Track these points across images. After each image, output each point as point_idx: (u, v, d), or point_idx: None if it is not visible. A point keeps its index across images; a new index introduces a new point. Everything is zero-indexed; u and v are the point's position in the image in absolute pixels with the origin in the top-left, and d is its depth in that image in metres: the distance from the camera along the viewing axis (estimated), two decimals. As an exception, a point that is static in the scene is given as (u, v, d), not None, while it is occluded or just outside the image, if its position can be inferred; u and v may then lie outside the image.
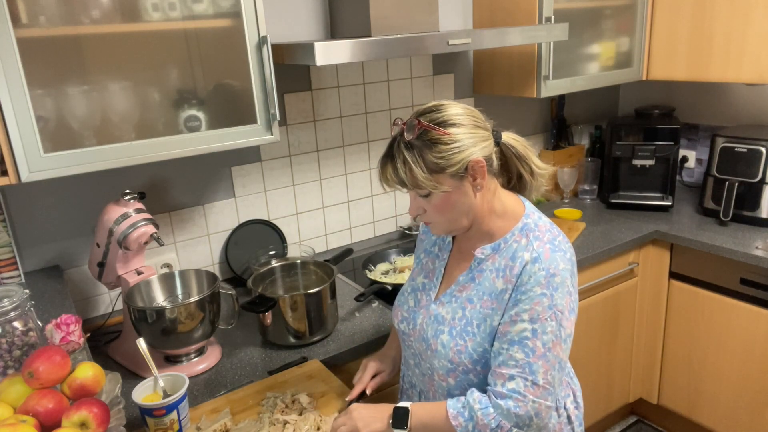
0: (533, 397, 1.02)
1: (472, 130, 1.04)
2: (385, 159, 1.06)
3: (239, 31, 1.47)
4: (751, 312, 2.04)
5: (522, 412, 1.02)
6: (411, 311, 1.23)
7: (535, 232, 1.09)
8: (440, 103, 1.07)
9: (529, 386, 1.02)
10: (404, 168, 1.03)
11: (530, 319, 1.03)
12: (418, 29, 1.85)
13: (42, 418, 1.02)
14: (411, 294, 1.26)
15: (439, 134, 1.02)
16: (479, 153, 1.04)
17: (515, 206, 1.13)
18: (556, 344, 1.03)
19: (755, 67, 2.09)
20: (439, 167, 1.02)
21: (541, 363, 1.02)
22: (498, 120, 1.16)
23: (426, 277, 1.25)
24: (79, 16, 1.27)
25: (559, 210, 2.48)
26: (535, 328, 1.03)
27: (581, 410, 1.26)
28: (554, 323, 1.02)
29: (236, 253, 1.96)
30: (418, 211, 1.11)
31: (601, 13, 2.24)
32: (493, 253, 1.11)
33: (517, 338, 1.04)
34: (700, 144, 2.68)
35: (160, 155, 1.43)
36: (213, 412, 1.28)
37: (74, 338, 1.18)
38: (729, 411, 2.20)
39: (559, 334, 1.03)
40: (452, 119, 1.04)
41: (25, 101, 1.24)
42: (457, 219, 1.09)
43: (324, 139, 2.09)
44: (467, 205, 1.07)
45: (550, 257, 1.05)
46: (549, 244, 1.07)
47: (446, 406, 1.08)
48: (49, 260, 1.69)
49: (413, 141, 1.03)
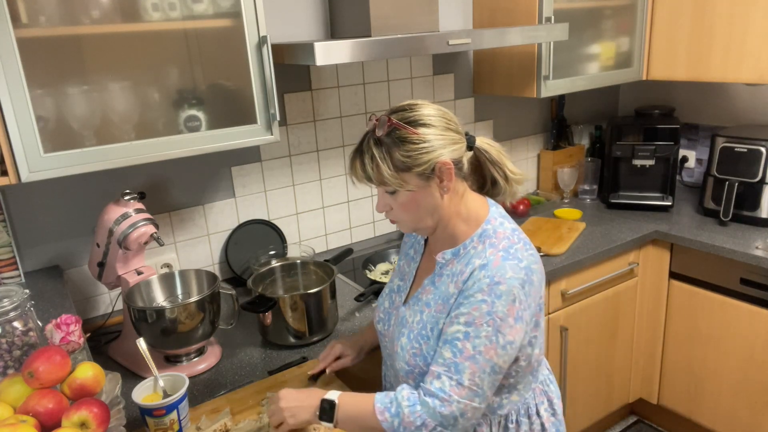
0: (458, 397, 1.02)
1: (443, 132, 1.05)
2: (355, 153, 1.07)
3: (239, 31, 1.47)
4: (751, 312, 2.04)
5: (447, 411, 1.02)
6: (386, 312, 1.26)
7: (491, 238, 1.09)
8: (415, 102, 1.08)
9: (454, 386, 1.02)
10: (371, 164, 1.04)
11: (465, 322, 1.03)
12: (418, 29, 1.85)
13: (42, 418, 1.02)
14: (388, 296, 1.29)
15: (409, 133, 1.02)
16: (448, 155, 1.04)
17: (479, 211, 1.13)
18: (490, 349, 1.02)
19: (755, 67, 2.09)
20: (406, 166, 1.03)
21: (468, 364, 1.02)
22: (498, 120, 1.16)
23: (401, 279, 1.27)
24: (79, 16, 1.27)
25: (559, 210, 2.48)
26: (468, 331, 1.03)
27: (559, 416, 1.26)
28: (490, 329, 1.02)
29: (236, 253, 1.96)
30: (385, 207, 1.12)
31: (601, 13, 2.24)
32: (453, 259, 1.12)
33: (450, 338, 1.05)
34: (700, 144, 2.68)
35: (160, 155, 1.43)
36: (213, 412, 1.28)
37: (74, 338, 1.18)
38: (729, 411, 2.20)
39: (495, 339, 1.02)
40: (423, 119, 1.04)
41: (25, 101, 1.24)
42: (422, 218, 1.10)
43: (324, 139, 2.09)
44: (433, 205, 1.08)
45: (499, 265, 1.04)
46: (503, 251, 1.06)
47: (374, 401, 1.08)
48: (49, 260, 1.69)
49: (383, 138, 1.04)
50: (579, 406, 2.29)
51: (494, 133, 2.50)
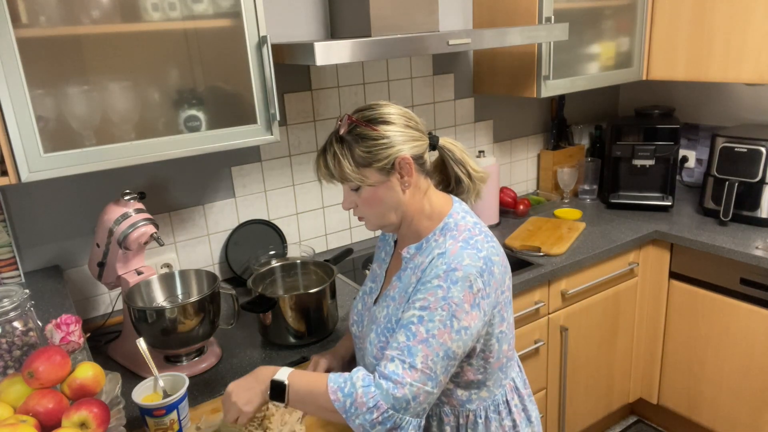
0: (411, 380, 1.02)
1: (403, 129, 1.09)
2: (319, 153, 1.12)
3: (239, 31, 1.47)
4: (751, 312, 2.04)
5: (399, 394, 1.01)
6: (359, 314, 1.28)
7: (452, 231, 1.11)
8: (377, 102, 1.13)
9: (407, 369, 1.02)
10: (333, 161, 1.09)
11: (420, 307, 1.04)
12: (418, 29, 1.85)
13: (42, 418, 1.02)
14: (361, 298, 1.31)
15: (369, 130, 1.07)
16: (408, 151, 1.08)
17: (443, 207, 1.16)
18: (443, 333, 1.03)
19: (755, 67, 2.09)
20: (366, 161, 1.07)
21: (421, 347, 1.02)
22: (498, 120, 1.17)
23: (373, 281, 1.30)
24: (79, 16, 1.27)
25: (559, 210, 2.48)
26: (422, 315, 1.04)
27: (529, 412, 1.26)
28: (444, 313, 1.03)
29: (236, 253, 1.96)
30: (350, 204, 1.15)
31: (601, 13, 2.24)
32: (417, 252, 1.14)
33: (405, 323, 1.06)
34: (700, 144, 2.68)
35: (160, 155, 1.43)
36: (213, 412, 1.28)
37: (74, 338, 1.18)
38: (729, 411, 2.20)
39: (450, 324, 1.03)
40: (383, 117, 1.09)
41: (25, 101, 1.24)
42: (386, 214, 1.13)
43: (324, 139, 2.08)
44: (395, 200, 1.11)
45: (456, 253, 1.06)
46: (462, 242, 1.08)
47: (327, 380, 1.07)
48: (49, 260, 1.69)
49: (344, 135, 1.09)
50: (579, 406, 2.29)
51: (494, 133, 2.51)
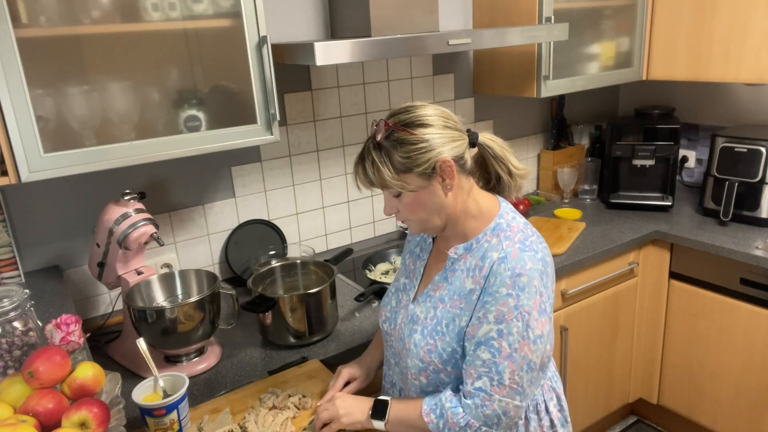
0: (500, 396, 1.04)
1: (441, 131, 1.05)
2: (357, 160, 1.09)
3: (239, 31, 1.47)
4: (751, 312, 2.04)
5: (489, 411, 1.04)
6: (393, 311, 1.26)
7: (506, 231, 1.10)
8: (413, 104, 1.09)
9: (495, 386, 1.04)
10: (372, 169, 1.05)
11: (495, 320, 1.04)
12: (418, 29, 1.85)
13: (42, 418, 1.02)
14: (394, 294, 1.29)
15: (406, 135, 1.03)
16: (448, 153, 1.04)
17: (490, 206, 1.14)
18: (523, 345, 1.03)
19: (755, 67, 2.09)
20: (406, 167, 1.04)
21: (507, 363, 1.03)
22: (498, 120, 1.17)
23: (407, 277, 1.27)
24: (79, 16, 1.27)
25: (559, 210, 2.48)
26: (501, 328, 1.03)
27: (566, 412, 1.27)
28: (520, 324, 1.03)
29: (236, 253, 1.96)
30: (391, 210, 1.13)
31: (601, 13, 2.24)
32: (466, 253, 1.12)
33: (484, 339, 1.05)
34: (700, 144, 2.68)
35: (160, 155, 1.43)
36: (213, 412, 1.28)
37: (74, 338, 1.18)
38: (729, 411, 2.20)
39: (527, 335, 1.03)
40: (421, 119, 1.05)
41: (25, 101, 1.24)
42: (429, 218, 1.11)
43: (324, 139, 2.09)
44: (438, 204, 1.09)
45: (517, 257, 1.05)
46: (519, 243, 1.07)
47: (421, 402, 1.11)
48: (49, 260, 1.69)
49: (382, 142, 1.05)
50: (579, 406, 2.29)
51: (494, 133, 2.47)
